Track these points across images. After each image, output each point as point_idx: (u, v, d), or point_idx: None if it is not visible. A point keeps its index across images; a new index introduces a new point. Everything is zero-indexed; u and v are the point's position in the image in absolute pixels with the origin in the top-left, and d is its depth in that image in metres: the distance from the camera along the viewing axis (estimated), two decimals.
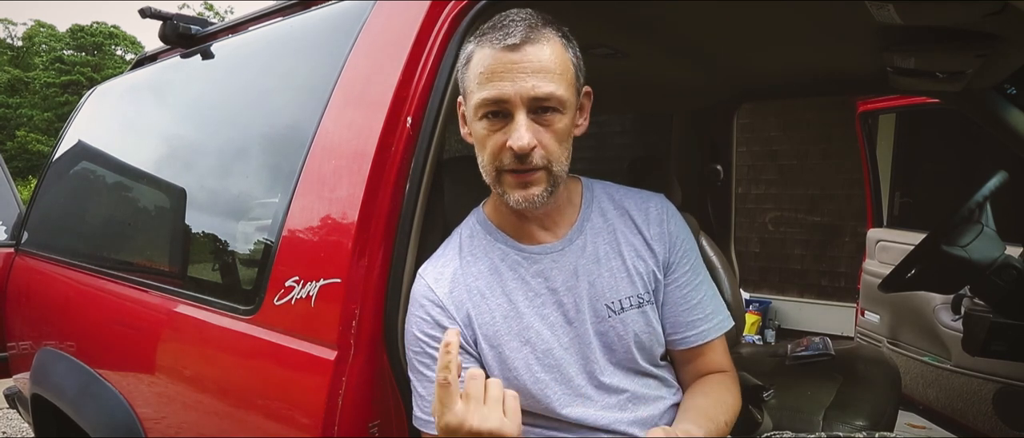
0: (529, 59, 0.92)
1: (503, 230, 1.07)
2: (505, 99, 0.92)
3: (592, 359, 1.03)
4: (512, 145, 0.92)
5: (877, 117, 3.41)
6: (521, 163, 0.94)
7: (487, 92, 0.93)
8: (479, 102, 0.94)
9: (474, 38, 0.98)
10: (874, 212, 3.30)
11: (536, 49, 0.93)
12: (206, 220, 1.56)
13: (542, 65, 0.92)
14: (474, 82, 0.95)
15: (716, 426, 1.01)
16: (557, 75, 0.94)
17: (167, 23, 1.73)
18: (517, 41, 0.92)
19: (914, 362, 2.68)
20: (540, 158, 0.94)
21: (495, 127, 0.95)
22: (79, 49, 31.86)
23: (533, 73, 0.92)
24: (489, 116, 0.94)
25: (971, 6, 1.05)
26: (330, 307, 1.07)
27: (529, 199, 0.96)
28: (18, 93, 29.43)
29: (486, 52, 0.94)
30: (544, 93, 0.92)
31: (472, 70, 0.96)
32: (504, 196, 0.99)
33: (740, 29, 1.58)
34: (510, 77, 0.92)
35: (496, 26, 0.94)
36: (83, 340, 1.82)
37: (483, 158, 0.98)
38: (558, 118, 0.95)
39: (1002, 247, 1.63)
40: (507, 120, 0.94)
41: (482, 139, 0.97)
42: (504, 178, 0.97)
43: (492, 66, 0.93)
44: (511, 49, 0.92)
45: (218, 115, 1.67)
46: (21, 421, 3.58)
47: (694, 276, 1.10)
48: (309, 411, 1.08)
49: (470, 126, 1.00)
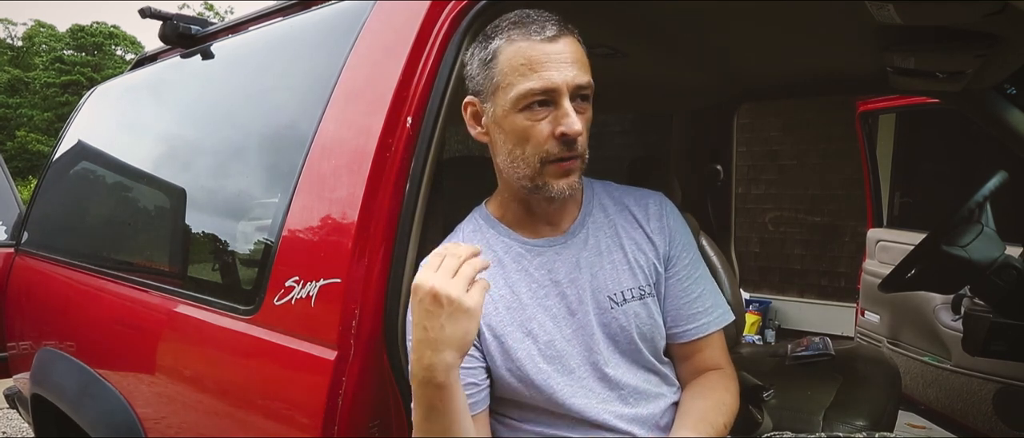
0: (568, 50, 0.96)
1: (507, 225, 1.09)
2: (553, 87, 0.94)
3: (596, 350, 1.03)
4: (567, 130, 0.95)
5: (877, 117, 3.41)
6: (569, 149, 0.97)
7: (534, 82, 0.94)
8: (524, 92, 0.95)
9: (496, 37, 0.98)
10: (874, 212, 3.30)
11: (570, 42, 0.97)
12: (206, 220, 1.56)
13: (577, 57, 0.97)
14: (512, 74, 0.95)
15: (715, 430, 1.02)
16: (587, 67, 0.98)
17: (167, 23, 1.73)
18: (555, 33, 0.95)
19: (914, 362, 2.68)
20: (582, 144, 0.98)
21: (539, 117, 0.96)
22: (79, 49, 31.85)
23: (572, 63, 0.96)
24: (534, 106, 0.96)
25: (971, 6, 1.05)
26: (330, 307, 1.07)
27: (571, 186, 1.00)
28: (18, 93, 29.43)
29: (522, 45, 0.95)
30: (585, 82, 0.96)
31: (505, 64, 0.96)
32: (543, 188, 0.99)
33: (740, 29, 1.58)
34: (555, 67, 0.94)
35: (524, 22, 0.97)
36: (83, 340, 1.82)
37: (524, 150, 0.98)
38: (588, 108, 0.99)
39: (1002, 247, 1.63)
40: (550, 109, 0.96)
41: (524, 131, 0.97)
42: (548, 169, 0.98)
43: (535, 57, 0.94)
44: (551, 41, 0.95)
45: (218, 115, 1.66)
46: (21, 421, 3.58)
47: (693, 270, 1.11)
48: (309, 411, 1.08)
49: (499, 122, 0.99)
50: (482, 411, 1.02)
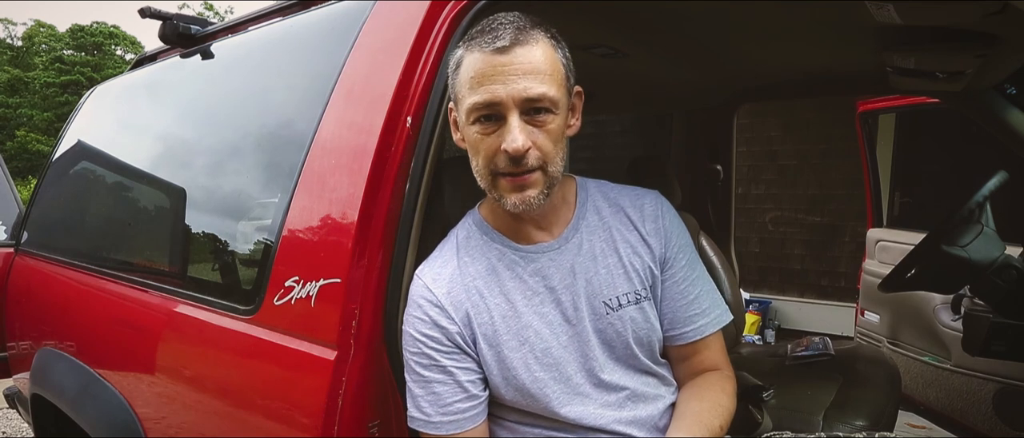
0: (519, 61, 0.92)
1: (499, 231, 1.07)
2: (497, 101, 0.92)
3: (591, 357, 1.03)
4: (507, 147, 0.92)
5: (877, 117, 3.41)
6: (516, 165, 0.94)
7: (479, 96, 0.92)
8: (471, 106, 0.94)
9: (463, 44, 0.97)
10: (874, 212, 3.30)
11: (526, 51, 0.93)
12: (206, 220, 1.56)
13: (533, 66, 0.92)
14: (465, 87, 0.95)
15: (710, 431, 1.01)
16: (548, 76, 0.94)
17: (167, 23, 1.73)
18: (506, 43, 0.92)
19: (914, 362, 2.68)
20: (535, 159, 0.94)
21: (488, 130, 0.94)
22: (79, 49, 31.86)
23: (524, 75, 0.92)
24: (482, 120, 0.94)
25: (971, 6, 1.05)
26: (330, 307, 1.07)
27: (526, 202, 0.96)
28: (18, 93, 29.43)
29: (475, 56, 0.94)
30: (536, 94, 0.92)
31: (462, 75, 0.95)
32: (500, 200, 0.98)
33: (740, 29, 1.58)
34: (501, 79, 0.91)
35: (484, 30, 0.94)
36: (83, 340, 1.81)
37: (478, 163, 0.98)
38: (551, 118, 0.95)
39: (1002, 247, 1.63)
40: (500, 123, 0.94)
41: (475, 143, 0.96)
42: (500, 182, 0.97)
43: (482, 69, 0.92)
44: (500, 51, 0.92)
45: (218, 115, 1.66)
46: (21, 421, 3.58)
47: (690, 271, 1.10)
48: (309, 411, 1.07)
49: (462, 131, 1.00)
50: (481, 423, 1.02)
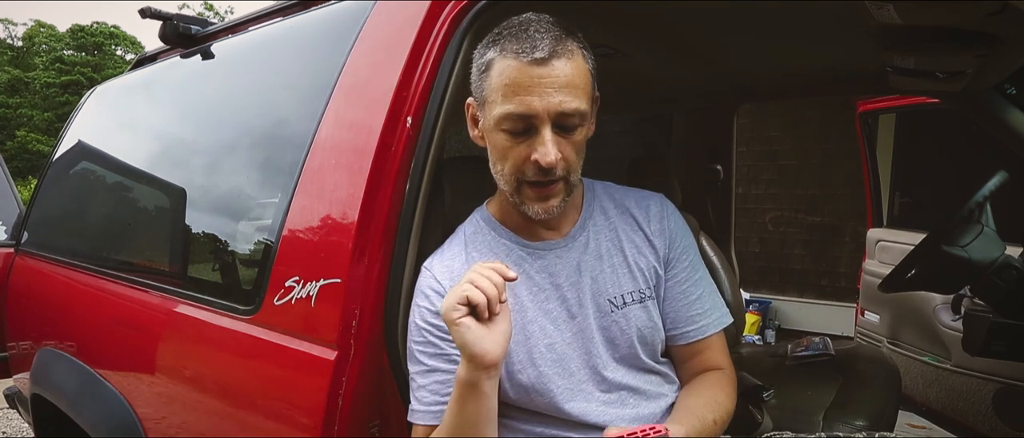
0: (557, 74, 0.91)
1: (508, 227, 1.08)
2: (532, 114, 0.91)
3: (595, 354, 1.03)
4: (540, 160, 0.92)
5: (877, 117, 3.41)
6: (545, 176, 0.94)
7: (513, 106, 0.91)
8: (504, 114, 0.93)
9: (493, 45, 0.95)
10: (874, 212, 3.30)
11: (562, 64, 0.91)
12: (206, 220, 1.56)
13: (569, 80, 0.91)
14: (497, 92, 0.93)
15: (702, 424, 1.00)
16: (581, 90, 0.93)
17: (167, 23, 1.73)
18: (544, 55, 0.90)
19: (914, 362, 2.68)
20: (561, 170, 0.95)
21: (518, 139, 0.94)
22: (79, 49, 31.88)
23: (560, 88, 0.91)
24: (512, 128, 0.94)
25: (971, 6, 1.05)
26: (330, 307, 1.07)
27: (548, 210, 0.98)
28: (18, 93, 29.46)
29: (510, 63, 0.92)
30: (571, 109, 0.92)
31: (494, 80, 0.94)
32: (522, 206, 0.99)
33: (740, 29, 1.58)
34: (538, 92, 0.90)
35: (520, 36, 0.92)
36: (83, 340, 1.82)
37: (503, 168, 0.98)
38: (579, 131, 0.96)
39: (1002, 247, 1.63)
40: (530, 133, 0.93)
41: (503, 150, 0.96)
42: (525, 190, 0.98)
43: (518, 79, 0.91)
44: (539, 63, 0.90)
45: (218, 115, 1.66)
46: (21, 421, 3.58)
47: (693, 272, 1.11)
48: (309, 411, 1.08)
49: (487, 134, 0.99)
50: None
